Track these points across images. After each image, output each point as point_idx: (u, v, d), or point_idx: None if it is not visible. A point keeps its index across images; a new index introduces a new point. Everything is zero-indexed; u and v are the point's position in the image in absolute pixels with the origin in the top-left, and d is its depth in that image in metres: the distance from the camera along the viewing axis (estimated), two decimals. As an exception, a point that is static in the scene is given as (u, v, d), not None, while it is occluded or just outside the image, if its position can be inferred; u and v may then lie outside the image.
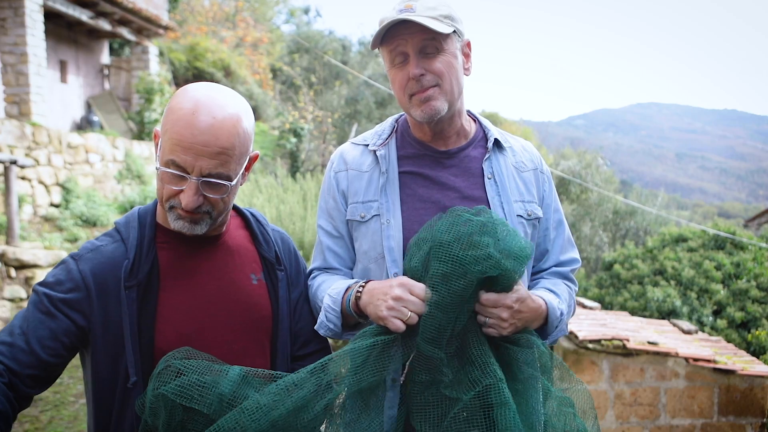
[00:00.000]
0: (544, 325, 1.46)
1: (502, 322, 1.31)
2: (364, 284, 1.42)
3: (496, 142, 1.60)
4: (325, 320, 1.47)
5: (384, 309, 1.29)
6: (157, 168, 1.29)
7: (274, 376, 1.26)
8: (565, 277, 1.65)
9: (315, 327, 1.51)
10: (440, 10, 1.44)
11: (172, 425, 1.19)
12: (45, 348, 1.23)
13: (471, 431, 1.23)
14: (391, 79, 1.53)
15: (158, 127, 1.34)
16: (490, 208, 1.50)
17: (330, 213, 1.60)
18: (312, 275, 1.62)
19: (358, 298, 1.40)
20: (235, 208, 1.54)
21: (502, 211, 1.52)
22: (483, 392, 1.23)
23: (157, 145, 1.34)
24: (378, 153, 1.57)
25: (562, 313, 1.50)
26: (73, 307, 1.27)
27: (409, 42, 1.44)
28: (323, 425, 1.27)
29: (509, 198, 1.54)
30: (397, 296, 1.28)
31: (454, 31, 1.47)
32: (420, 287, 1.28)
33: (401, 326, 1.27)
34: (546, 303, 1.44)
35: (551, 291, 1.54)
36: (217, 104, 1.26)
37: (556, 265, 1.66)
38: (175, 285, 1.36)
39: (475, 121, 1.67)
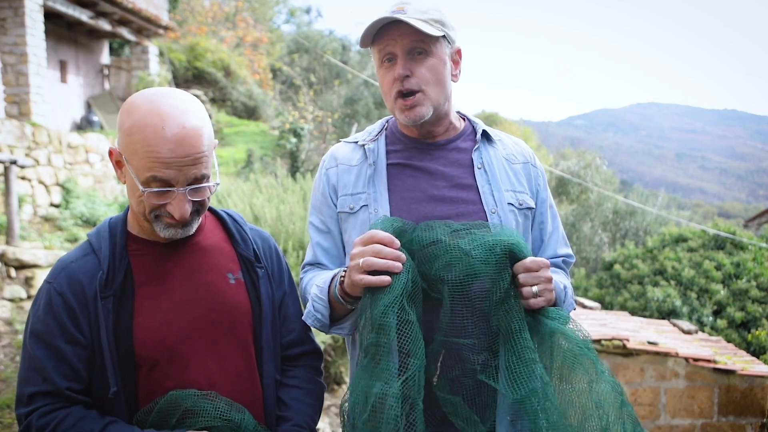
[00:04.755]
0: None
1: (548, 284, 1.31)
2: (347, 268, 1.40)
3: (485, 134, 1.62)
4: (313, 310, 1.48)
5: (355, 272, 1.29)
6: (142, 191, 1.25)
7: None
8: (559, 266, 1.67)
9: (303, 317, 1.53)
10: (431, 14, 1.45)
11: None
12: (71, 379, 1.28)
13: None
14: (379, 79, 1.55)
15: (116, 147, 1.30)
16: (480, 196, 1.52)
17: (319, 208, 1.63)
18: (304, 270, 1.65)
19: (342, 282, 1.39)
20: (211, 210, 1.53)
21: (493, 199, 1.52)
22: (527, 395, 1.23)
23: (117, 164, 1.32)
24: (366, 147, 1.59)
25: (565, 287, 1.52)
26: (70, 329, 1.29)
27: (398, 42, 1.45)
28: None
29: (500, 186, 1.54)
30: (357, 253, 1.29)
31: (444, 37, 1.48)
32: (384, 235, 1.29)
33: (357, 280, 1.27)
34: None
35: None
36: (180, 111, 1.24)
37: (552, 258, 1.66)
38: (150, 291, 1.35)
39: (464, 119, 1.68)
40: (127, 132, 1.24)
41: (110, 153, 1.32)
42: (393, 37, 1.45)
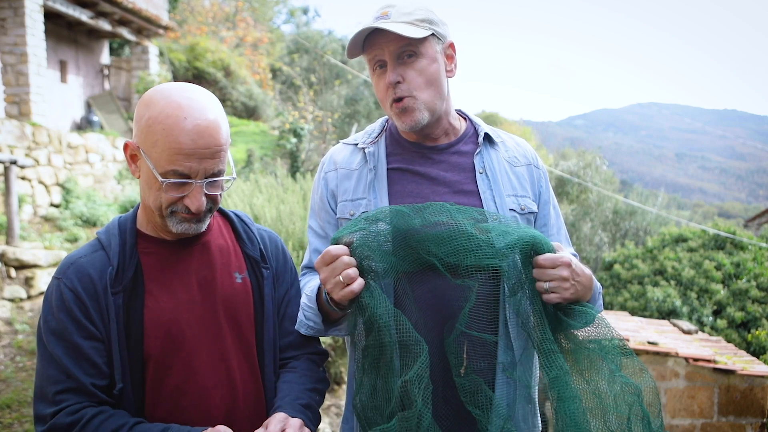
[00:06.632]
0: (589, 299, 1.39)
1: (563, 283, 1.28)
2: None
3: (487, 137, 1.60)
4: (305, 319, 1.48)
5: (339, 290, 1.29)
6: (161, 182, 1.26)
7: None
8: None
9: (295, 326, 1.51)
10: (416, 15, 1.44)
11: None
12: (93, 375, 1.27)
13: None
14: (374, 86, 1.54)
15: (132, 140, 1.31)
16: (481, 202, 1.51)
17: (318, 213, 1.62)
18: (303, 272, 1.65)
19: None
20: (220, 210, 1.54)
21: (494, 205, 1.51)
22: (550, 383, 1.25)
23: (132, 157, 1.32)
24: (367, 151, 1.57)
25: (599, 285, 1.47)
26: (84, 324, 1.28)
27: (386, 49, 1.44)
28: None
29: (501, 192, 1.52)
30: (328, 275, 1.29)
31: (433, 34, 1.46)
32: (338, 247, 1.30)
33: (346, 293, 1.27)
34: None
35: None
36: (200, 104, 1.26)
37: None
38: (159, 288, 1.35)
39: (465, 119, 1.66)
40: (146, 124, 1.25)
41: (125, 146, 1.32)
42: (380, 45, 1.44)
